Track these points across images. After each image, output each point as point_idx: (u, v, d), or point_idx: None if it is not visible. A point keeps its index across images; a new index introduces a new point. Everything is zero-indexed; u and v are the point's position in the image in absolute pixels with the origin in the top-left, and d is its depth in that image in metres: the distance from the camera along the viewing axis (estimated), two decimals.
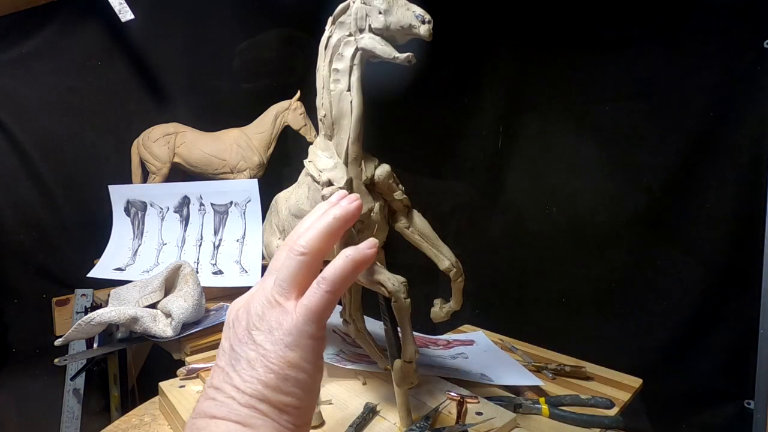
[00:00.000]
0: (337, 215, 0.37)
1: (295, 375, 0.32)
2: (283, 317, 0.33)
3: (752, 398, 1.03)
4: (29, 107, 1.42)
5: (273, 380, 0.32)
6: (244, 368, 0.32)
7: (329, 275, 0.34)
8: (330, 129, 0.52)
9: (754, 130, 1.04)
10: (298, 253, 0.35)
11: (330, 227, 0.36)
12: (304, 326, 0.33)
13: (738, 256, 1.07)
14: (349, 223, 0.38)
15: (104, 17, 1.43)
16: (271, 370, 0.32)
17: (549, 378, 0.81)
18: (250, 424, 0.31)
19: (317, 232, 0.36)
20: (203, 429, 0.31)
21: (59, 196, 1.48)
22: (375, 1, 0.47)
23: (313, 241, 0.35)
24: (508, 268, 1.51)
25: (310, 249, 0.35)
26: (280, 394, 0.32)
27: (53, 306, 1.46)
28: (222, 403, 0.32)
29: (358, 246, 0.37)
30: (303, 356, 0.33)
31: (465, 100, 1.57)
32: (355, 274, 0.36)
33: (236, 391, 0.32)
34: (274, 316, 0.33)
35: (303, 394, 0.33)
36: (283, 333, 0.33)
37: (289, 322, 0.33)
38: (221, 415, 0.32)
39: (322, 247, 0.36)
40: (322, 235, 0.36)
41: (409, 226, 0.58)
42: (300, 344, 0.33)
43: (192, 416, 0.33)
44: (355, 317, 0.70)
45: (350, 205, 0.38)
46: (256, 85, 1.76)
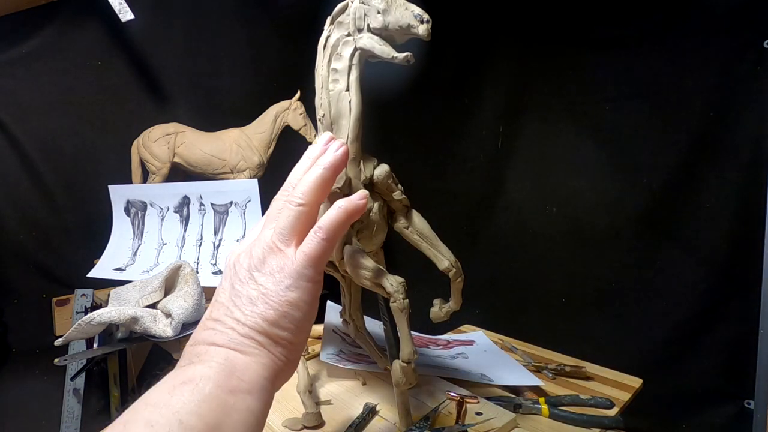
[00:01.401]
0: (327, 165, 0.40)
1: (292, 312, 0.36)
2: (284, 261, 0.36)
3: (752, 398, 1.03)
4: (29, 107, 1.42)
5: (272, 315, 0.35)
6: (245, 304, 0.35)
7: (325, 224, 0.38)
8: (329, 129, 0.52)
9: (754, 130, 1.04)
10: (295, 204, 0.38)
11: (322, 178, 0.39)
12: (303, 270, 0.36)
13: (738, 256, 1.07)
14: (338, 169, 0.41)
15: (104, 17, 1.43)
16: (271, 306, 0.35)
17: (549, 378, 0.81)
18: (247, 353, 0.34)
19: (312, 183, 0.39)
20: (203, 354, 0.34)
21: (59, 196, 1.47)
22: (373, 1, 0.47)
23: (308, 193, 0.39)
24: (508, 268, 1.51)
25: (307, 200, 0.38)
26: (277, 328, 0.35)
27: (53, 306, 1.46)
28: (222, 332, 0.35)
29: (350, 197, 0.40)
30: (300, 297, 0.36)
31: (465, 100, 1.57)
32: (347, 222, 0.39)
33: (236, 323, 0.35)
34: (275, 260, 0.37)
35: (297, 330, 0.36)
36: (284, 275, 0.36)
37: (289, 266, 0.36)
38: (221, 342, 0.34)
39: (318, 197, 0.39)
40: (316, 186, 0.39)
41: (408, 226, 0.58)
42: (299, 286, 0.36)
43: (190, 343, 0.35)
44: (355, 317, 0.70)
45: (338, 152, 0.41)
46: (256, 85, 1.76)
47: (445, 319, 0.63)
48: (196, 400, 0.30)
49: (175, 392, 0.30)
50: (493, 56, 1.48)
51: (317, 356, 0.78)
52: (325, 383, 0.72)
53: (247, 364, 0.34)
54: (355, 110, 0.50)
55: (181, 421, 0.28)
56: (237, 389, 0.32)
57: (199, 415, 0.29)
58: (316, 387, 0.70)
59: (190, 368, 0.32)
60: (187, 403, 0.29)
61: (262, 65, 1.77)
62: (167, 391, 0.30)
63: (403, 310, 0.50)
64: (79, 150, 1.50)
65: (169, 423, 0.28)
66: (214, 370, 0.32)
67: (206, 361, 0.33)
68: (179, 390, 0.30)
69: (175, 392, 0.30)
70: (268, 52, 1.78)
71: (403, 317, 0.51)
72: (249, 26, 1.73)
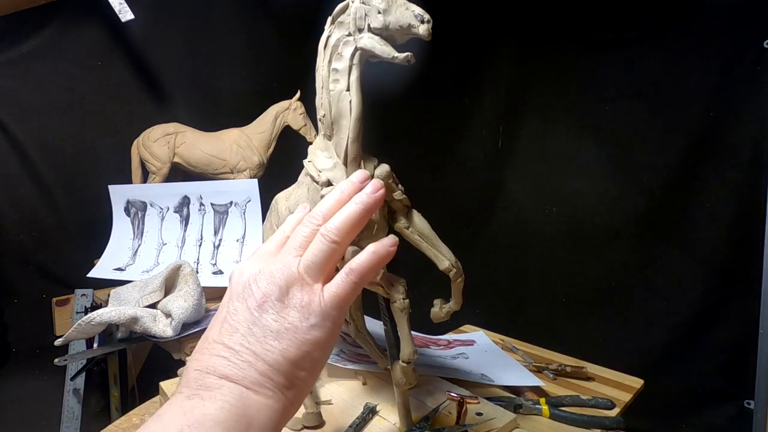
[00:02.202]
0: (366, 205, 0.39)
1: (313, 353, 0.34)
2: (311, 298, 0.35)
3: (752, 398, 1.03)
4: (29, 107, 1.41)
5: (294, 354, 0.33)
6: (265, 336, 0.33)
7: (357, 267, 0.37)
8: (329, 129, 0.52)
9: (754, 130, 1.04)
10: (330, 241, 0.37)
11: (358, 216, 0.38)
12: (331, 311, 0.35)
13: (738, 256, 1.07)
14: (373, 211, 0.40)
15: (104, 17, 1.43)
16: (294, 344, 0.33)
17: (550, 378, 0.81)
18: (261, 394, 0.32)
19: (348, 221, 0.38)
20: (214, 389, 0.32)
21: (59, 196, 1.47)
22: (374, 1, 0.47)
23: (343, 230, 0.37)
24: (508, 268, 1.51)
25: (341, 238, 0.37)
26: (296, 368, 0.34)
27: (53, 306, 1.45)
28: (236, 365, 0.32)
29: (382, 241, 0.39)
30: (323, 337, 0.35)
31: (465, 100, 1.57)
32: (378, 267, 0.38)
33: (255, 357, 0.33)
34: (301, 294, 0.35)
35: (312, 371, 0.35)
36: (310, 313, 0.34)
37: (316, 303, 0.35)
38: (235, 377, 0.32)
39: (351, 236, 0.38)
40: (352, 225, 0.38)
41: (408, 226, 0.58)
42: (324, 326, 0.34)
43: (196, 367, 0.33)
44: (355, 317, 0.70)
45: (376, 194, 0.40)
46: (256, 85, 1.76)
47: (446, 319, 0.63)
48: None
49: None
50: (493, 56, 1.48)
51: None
52: (325, 383, 0.72)
53: (259, 408, 0.32)
54: (355, 110, 0.50)
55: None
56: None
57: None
58: (316, 387, 0.70)
59: (199, 406, 0.31)
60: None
61: (262, 65, 1.77)
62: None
63: (404, 310, 0.50)
64: (79, 150, 1.50)
65: None
66: (225, 413, 0.30)
67: (218, 399, 0.31)
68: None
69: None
70: (268, 52, 1.78)
71: (404, 317, 0.51)
72: (249, 26, 1.73)
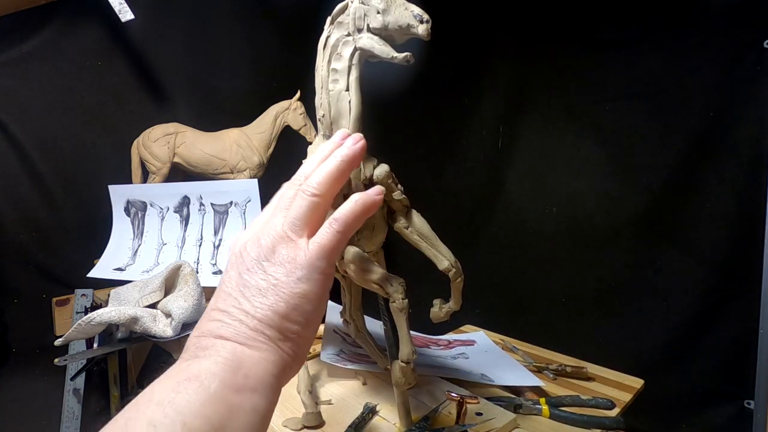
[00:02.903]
0: (344, 157, 0.39)
1: (303, 305, 0.34)
2: (296, 252, 0.35)
3: (752, 398, 1.03)
4: (29, 107, 1.41)
5: (283, 308, 0.34)
6: (254, 295, 0.34)
7: (341, 217, 0.37)
8: (329, 129, 0.52)
9: (754, 130, 1.04)
10: (310, 194, 0.37)
11: (338, 169, 0.38)
12: (317, 262, 0.35)
13: (738, 256, 1.07)
14: (355, 163, 0.40)
15: (104, 17, 1.43)
16: (282, 299, 0.34)
17: (550, 378, 0.81)
18: (255, 347, 0.33)
19: (327, 174, 0.38)
20: (209, 347, 0.32)
21: (59, 196, 1.47)
22: (373, 1, 0.47)
23: (323, 183, 0.37)
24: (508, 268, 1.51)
25: (321, 191, 0.37)
26: (287, 321, 0.34)
27: (53, 306, 1.45)
28: (229, 324, 0.33)
29: (367, 191, 0.39)
30: (312, 289, 0.35)
31: (465, 100, 1.57)
32: (363, 216, 0.38)
33: (245, 315, 0.34)
34: (286, 250, 0.35)
35: (307, 324, 0.35)
36: (296, 266, 0.35)
37: (302, 257, 0.35)
38: (228, 335, 0.33)
39: (332, 189, 0.38)
40: (332, 177, 0.38)
41: (408, 226, 0.58)
42: (311, 278, 0.35)
43: (195, 334, 0.34)
44: (355, 317, 0.70)
45: (355, 146, 0.39)
46: (256, 85, 1.76)
47: (445, 319, 0.63)
48: (201, 400, 0.29)
49: (180, 390, 0.29)
50: (493, 56, 1.48)
51: (317, 356, 0.78)
52: (325, 383, 0.72)
53: (254, 361, 0.33)
54: (354, 110, 0.50)
55: (185, 422, 0.27)
56: (243, 387, 0.31)
57: (203, 416, 0.28)
58: (317, 387, 0.70)
59: (196, 363, 0.31)
60: (192, 403, 0.28)
61: (262, 65, 1.77)
62: (171, 388, 0.29)
63: (403, 310, 0.50)
64: (79, 150, 1.50)
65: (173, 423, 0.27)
66: (221, 366, 0.31)
67: (212, 355, 0.32)
68: (184, 387, 0.29)
69: (180, 390, 0.29)
70: (268, 52, 1.78)
71: (403, 317, 0.51)
72: (249, 26, 1.73)
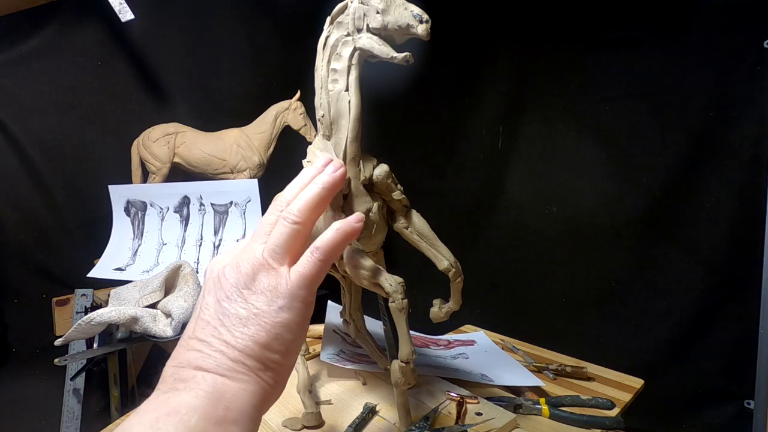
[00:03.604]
0: (324, 184, 0.40)
1: (284, 334, 0.34)
2: (277, 281, 0.35)
3: (752, 398, 1.03)
4: (29, 107, 1.42)
5: (264, 338, 0.34)
6: (234, 325, 0.34)
7: (322, 245, 0.37)
8: (328, 129, 0.52)
9: (754, 130, 1.04)
10: (291, 222, 0.37)
11: (318, 196, 0.39)
12: (298, 290, 0.35)
13: (738, 256, 1.07)
14: (335, 190, 0.41)
15: (104, 17, 1.43)
16: (263, 328, 0.34)
17: (550, 378, 0.81)
18: (236, 378, 0.33)
19: (307, 201, 0.39)
20: (189, 380, 0.32)
21: (59, 196, 1.47)
22: (373, 1, 0.47)
23: (304, 210, 0.38)
24: (508, 268, 1.51)
25: (302, 218, 0.38)
26: (268, 351, 0.34)
27: (53, 306, 1.46)
28: (209, 356, 0.33)
29: (347, 219, 0.40)
30: (294, 318, 0.35)
31: (465, 100, 1.57)
32: (344, 244, 0.39)
33: (226, 346, 0.33)
34: (267, 278, 0.35)
35: (287, 352, 0.35)
36: (277, 295, 0.35)
37: (283, 285, 0.35)
38: (208, 367, 0.33)
39: (313, 216, 0.39)
40: (312, 204, 0.39)
41: (407, 226, 0.58)
42: (293, 307, 0.35)
43: (173, 364, 0.34)
44: (355, 317, 0.70)
45: (336, 173, 0.41)
46: (256, 85, 1.76)
47: (445, 319, 0.63)
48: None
49: (160, 426, 0.29)
50: (493, 56, 1.48)
51: (317, 356, 0.78)
52: (325, 383, 0.72)
53: (235, 393, 0.32)
54: (354, 110, 0.50)
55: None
56: (224, 420, 0.31)
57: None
58: (316, 387, 0.70)
59: (175, 396, 0.31)
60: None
61: (262, 65, 1.77)
62: (150, 424, 0.29)
63: (402, 310, 0.50)
64: (79, 150, 1.50)
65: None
66: (201, 400, 0.31)
67: (192, 388, 0.31)
68: (164, 423, 0.29)
69: (160, 426, 0.29)
70: (268, 52, 1.78)
71: (402, 317, 0.51)
72: (249, 26, 1.73)
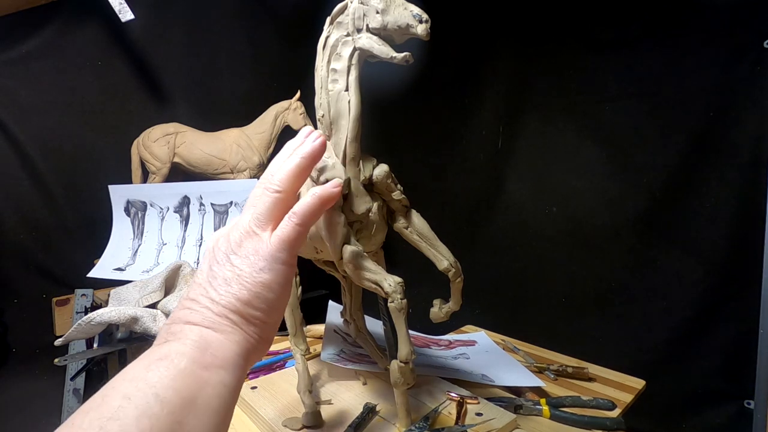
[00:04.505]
0: (304, 154, 0.41)
1: (265, 293, 0.37)
2: (259, 245, 0.38)
3: (752, 398, 1.03)
4: (29, 107, 1.41)
5: (246, 296, 0.36)
6: (220, 284, 0.37)
7: (299, 210, 0.40)
8: (328, 129, 0.52)
9: (754, 130, 1.04)
10: (273, 191, 0.40)
11: (299, 166, 0.41)
12: (277, 253, 0.38)
13: (738, 256, 1.07)
14: (316, 159, 0.43)
15: (104, 17, 1.43)
16: (245, 287, 0.36)
17: (551, 379, 0.81)
18: (221, 330, 0.35)
19: (289, 171, 0.41)
20: (178, 333, 0.35)
21: (59, 196, 1.47)
22: (372, 1, 0.47)
23: (285, 180, 0.40)
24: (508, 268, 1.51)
25: (284, 187, 0.40)
26: (250, 308, 0.37)
27: (53, 306, 1.45)
28: (197, 311, 0.36)
29: (324, 185, 0.43)
30: (274, 278, 0.37)
31: (465, 100, 1.57)
32: (321, 209, 0.42)
33: (211, 302, 0.36)
34: (251, 244, 0.38)
35: (270, 310, 0.38)
36: (259, 258, 0.37)
37: (264, 249, 0.38)
38: (196, 321, 0.35)
39: (294, 184, 0.41)
40: (294, 174, 0.41)
41: (407, 226, 0.58)
42: (273, 268, 0.37)
43: (167, 322, 0.37)
44: (356, 317, 0.70)
45: (315, 143, 0.42)
46: (256, 85, 1.76)
47: (445, 319, 0.63)
48: (171, 375, 0.31)
49: (151, 368, 0.31)
50: (493, 56, 1.48)
51: (318, 356, 0.78)
52: (325, 383, 0.72)
53: (220, 342, 0.35)
54: (354, 110, 0.50)
55: (157, 394, 0.30)
56: (211, 365, 0.33)
57: (174, 389, 0.30)
58: (317, 387, 0.70)
59: (166, 345, 0.34)
60: (163, 378, 0.31)
61: (262, 65, 1.77)
62: (144, 367, 0.32)
63: (401, 310, 0.50)
64: (79, 150, 1.50)
65: (146, 396, 0.29)
66: (189, 346, 0.33)
67: (181, 338, 0.34)
68: (155, 365, 0.31)
69: (151, 368, 0.31)
70: (268, 52, 1.78)
71: (401, 317, 0.51)
72: (249, 26, 1.73)
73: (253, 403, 0.67)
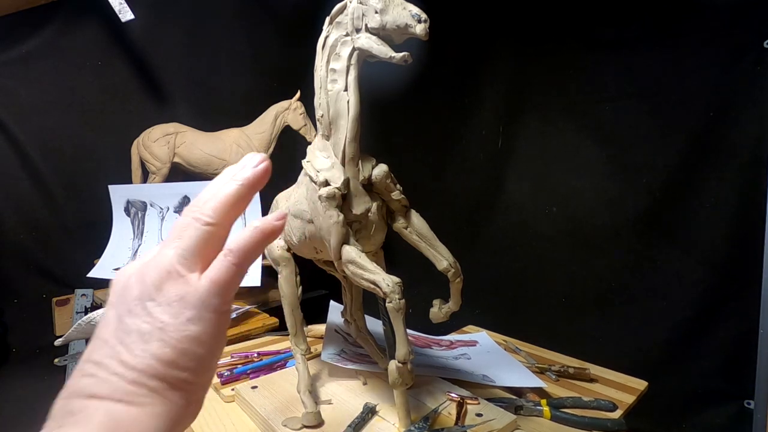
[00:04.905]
0: (244, 181, 0.33)
1: (194, 349, 0.30)
2: (186, 289, 0.30)
3: (752, 398, 1.03)
4: (29, 107, 1.42)
5: (169, 354, 0.29)
6: (135, 341, 0.29)
7: (236, 247, 0.32)
8: (327, 129, 0.52)
9: (754, 130, 1.04)
10: (203, 223, 0.32)
11: (236, 193, 0.33)
12: (209, 299, 0.30)
13: (738, 256, 1.07)
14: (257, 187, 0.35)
15: (104, 17, 1.43)
16: (168, 344, 0.29)
17: (552, 380, 0.81)
18: (136, 403, 0.28)
19: (224, 199, 0.33)
20: (78, 413, 0.27)
21: (59, 196, 1.47)
22: (371, 1, 0.47)
23: (219, 210, 0.32)
24: (508, 268, 1.51)
25: (217, 219, 0.32)
26: (174, 369, 0.29)
27: (53, 306, 1.46)
28: (104, 380, 0.28)
29: (267, 217, 0.35)
30: (205, 330, 0.30)
31: (465, 100, 1.57)
32: (262, 245, 0.34)
33: (123, 367, 0.28)
34: (174, 287, 0.30)
35: (200, 369, 0.31)
36: (185, 305, 0.30)
37: (192, 294, 0.30)
38: (102, 393, 0.28)
39: (230, 216, 0.33)
40: (229, 203, 0.33)
41: (407, 226, 0.58)
42: (203, 318, 0.30)
43: (63, 396, 0.29)
44: (356, 317, 0.70)
45: (257, 168, 0.34)
46: (256, 85, 1.76)
47: (445, 319, 0.63)
48: None
49: None
50: (493, 56, 1.48)
51: (318, 356, 0.78)
52: (325, 383, 0.72)
53: (135, 419, 0.28)
54: (353, 110, 0.50)
55: None
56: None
57: None
58: (317, 386, 0.70)
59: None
60: None
61: (262, 65, 1.77)
62: None
63: (399, 311, 0.50)
64: (79, 150, 1.50)
65: None
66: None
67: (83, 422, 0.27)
68: None
69: None
70: (268, 52, 1.78)
71: (399, 317, 0.51)
72: (249, 26, 1.73)
73: (254, 402, 0.67)
